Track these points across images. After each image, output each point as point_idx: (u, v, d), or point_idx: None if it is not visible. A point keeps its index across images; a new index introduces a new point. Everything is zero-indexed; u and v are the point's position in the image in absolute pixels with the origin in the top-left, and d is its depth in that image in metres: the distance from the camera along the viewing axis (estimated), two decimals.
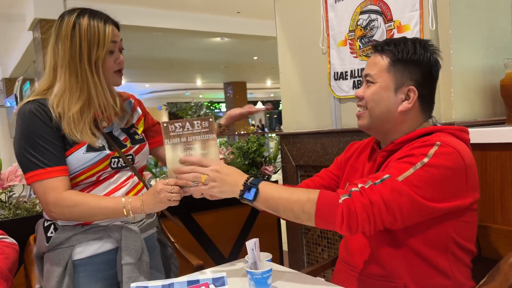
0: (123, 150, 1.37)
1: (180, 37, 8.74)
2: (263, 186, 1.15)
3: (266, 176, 2.56)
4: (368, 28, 1.92)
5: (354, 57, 2.01)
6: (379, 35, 1.87)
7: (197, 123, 1.22)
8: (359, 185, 1.07)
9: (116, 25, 1.34)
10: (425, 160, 1.06)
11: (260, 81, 19.12)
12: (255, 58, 12.39)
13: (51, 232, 1.32)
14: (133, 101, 1.52)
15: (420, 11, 1.72)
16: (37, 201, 1.82)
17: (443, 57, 1.70)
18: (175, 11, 7.45)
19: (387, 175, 1.06)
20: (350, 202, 1.04)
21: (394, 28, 1.81)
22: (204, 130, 1.23)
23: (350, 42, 2.02)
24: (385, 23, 1.85)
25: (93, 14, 1.29)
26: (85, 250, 1.31)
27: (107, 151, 1.32)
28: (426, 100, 1.23)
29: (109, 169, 1.33)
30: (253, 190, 1.14)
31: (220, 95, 19.47)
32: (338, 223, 1.04)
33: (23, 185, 1.84)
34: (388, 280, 1.16)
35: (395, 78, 1.20)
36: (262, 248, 1.22)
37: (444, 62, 1.71)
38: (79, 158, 1.27)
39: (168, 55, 10.81)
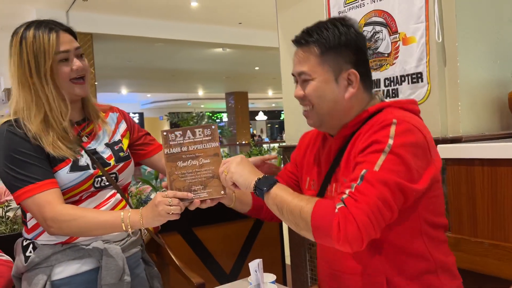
0: (106, 168, 1.32)
1: (182, 48, 8.76)
2: (278, 183, 1.11)
3: None
4: (373, 40, 1.89)
5: None
6: (384, 47, 1.84)
7: (199, 131, 1.17)
8: (347, 191, 1.00)
9: (69, 32, 1.28)
10: (390, 142, 1.03)
11: (261, 91, 19.15)
12: (256, 68, 12.41)
13: (30, 252, 1.28)
14: (117, 113, 1.47)
15: (426, 23, 1.69)
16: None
17: (450, 70, 1.67)
18: (177, 22, 7.48)
19: (363, 171, 1.01)
20: (345, 210, 0.96)
21: (399, 40, 1.78)
22: (206, 138, 1.17)
23: None
24: (390, 35, 1.82)
25: (40, 25, 1.25)
26: (65, 270, 1.26)
27: (91, 171, 1.28)
28: (365, 77, 1.19)
29: (92, 188, 1.29)
30: (271, 181, 1.10)
31: (221, 105, 19.49)
32: (335, 235, 0.95)
33: None
34: (369, 276, 1.14)
35: (331, 68, 1.15)
36: (265, 264, 1.17)
37: (451, 75, 1.68)
38: (62, 177, 1.24)
39: (170, 66, 10.83)
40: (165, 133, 1.18)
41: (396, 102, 1.18)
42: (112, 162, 1.34)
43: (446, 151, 1.60)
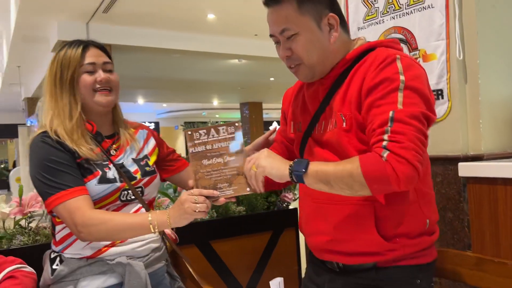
0: (132, 182, 1.35)
1: (198, 59, 8.86)
2: (311, 162, 1.08)
3: (286, 203, 2.51)
4: None
5: None
6: None
7: (223, 129, 1.17)
8: (385, 136, 1.01)
9: (101, 48, 1.37)
10: (402, 77, 1.05)
11: (276, 102, 19.15)
12: (271, 79, 12.46)
13: (57, 265, 1.32)
14: (147, 131, 1.52)
15: (446, 40, 1.69)
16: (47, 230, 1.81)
17: (471, 87, 1.66)
18: (194, 34, 7.58)
19: (390, 113, 1.02)
20: (393, 155, 0.98)
21: (420, 57, 1.78)
22: (230, 136, 1.17)
23: None
24: (410, 52, 1.82)
25: (75, 42, 1.35)
26: (89, 284, 1.29)
27: (118, 184, 1.31)
28: (342, 18, 1.20)
29: (118, 201, 1.33)
30: (304, 162, 1.07)
31: (236, 115, 19.57)
32: (394, 181, 0.98)
33: (43, 211, 1.84)
34: (356, 205, 1.14)
35: (312, 17, 1.15)
36: (283, 279, 1.17)
37: (472, 92, 1.67)
38: (90, 189, 1.27)
39: (186, 76, 10.95)
40: (189, 132, 1.18)
41: (383, 41, 1.20)
42: (138, 176, 1.37)
43: (467, 169, 1.59)
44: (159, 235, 1.45)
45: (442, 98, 1.71)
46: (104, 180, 1.29)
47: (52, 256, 1.34)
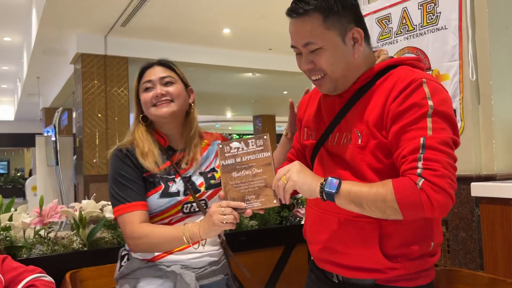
0: (197, 195, 1.42)
1: (213, 72, 8.95)
2: (343, 181, 1.08)
3: (298, 219, 2.53)
4: None
5: None
6: None
7: (252, 142, 1.20)
8: (419, 164, 1.01)
9: (164, 65, 1.47)
10: (430, 103, 1.05)
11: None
12: (285, 92, 12.51)
13: (124, 262, 1.45)
14: (220, 141, 1.57)
15: (459, 61, 1.71)
16: (75, 237, 1.86)
17: (484, 108, 1.68)
18: (209, 48, 7.68)
19: (421, 139, 1.03)
20: (429, 183, 0.99)
21: None
22: (259, 148, 1.20)
23: None
24: None
25: (145, 64, 1.49)
26: (147, 285, 1.38)
27: (180, 197, 1.39)
28: (366, 32, 1.19)
29: (181, 213, 1.41)
30: (336, 181, 1.06)
31: (249, 127, 19.63)
32: (428, 209, 0.99)
33: (61, 221, 1.89)
34: (361, 218, 1.13)
35: (337, 31, 1.13)
36: None
37: (485, 113, 1.69)
38: (153, 202, 1.38)
39: (200, 89, 11.06)
40: (220, 146, 1.23)
41: (406, 59, 1.19)
42: (202, 188, 1.45)
43: (480, 189, 1.60)
44: (220, 249, 1.49)
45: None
46: (166, 194, 1.39)
47: (123, 253, 1.48)
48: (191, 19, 6.29)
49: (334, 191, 1.06)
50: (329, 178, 1.09)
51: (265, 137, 1.20)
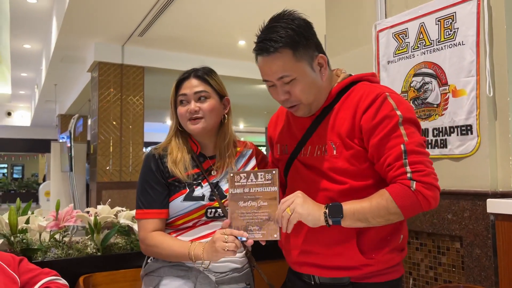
0: (223, 200, 1.45)
1: (227, 83, 8.84)
2: (343, 203, 1.18)
3: None
4: (422, 90, 1.92)
5: None
6: (433, 97, 1.87)
7: (261, 174, 1.26)
8: (407, 168, 1.15)
9: (201, 78, 1.50)
10: (398, 113, 1.20)
11: None
12: None
13: (150, 259, 1.51)
14: (251, 150, 1.62)
15: (476, 77, 1.71)
16: (89, 242, 1.88)
17: (501, 124, 1.67)
18: (224, 59, 7.75)
19: (401, 146, 1.17)
20: (421, 184, 1.14)
21: (449, 92, 1.81)
22: (266, 182, 1.25)
23: None
24: (439, 87, 1.85)
25: (183, 74, 1.52)
26: (169, 284, 1.42)
27: (205, 202, 1.44)
28: (326, 56, 1.31)
29: (204, 217, 1.44)
30: (338, 207, 1.16)
31: (261, 138, 19.66)
32: (425, 206, 1.16)
33: (77, 226, 1.91)
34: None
35: (305, 61, 1.24)
36: None
37: (502, 129, 1.68)
38: (177, 205, 1.44)
39: None
40: (231, 175, 1.30)
41: (363, 75, 1.34)
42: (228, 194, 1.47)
43: (496, 206, 1.59)
44: (244, 257, 1.51)
45: (471, 133, 1.72)
46: (189, 197, 1.44)
47: None
48: (208, 30, 6.37)
49: (340, 217, 1.16)
50: (329, 205, 1.18)
51: (273, 172, 1.26)
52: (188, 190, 1.45)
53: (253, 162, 1.60)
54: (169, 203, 1.46)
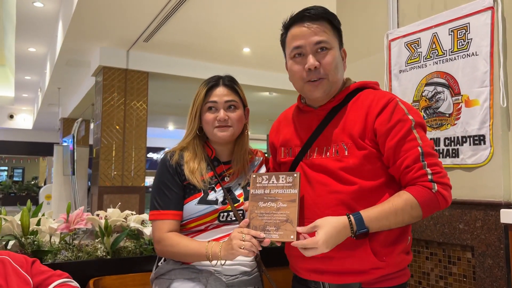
0: (235, 204, 1.47)
1: None
2: (365, 215, 1.19)
3: None
4: (434, 99, 1.93)
5: None
6: (445, 107, 1.88)
7: (283, 177, 1.28)
8: (428, 170, 1.20)
9: (229, 87, 1.52)
10: (410, 117, 1.25)
11: None
12: None
13: (161, 262, 1.52)
14: (261, 158, 1.65)
15: (490, 88, 1.72)
16: (99, 245, 1.88)
17: None
18: (228, 66, 7.78)
19: (418, 149, 1.22)
20: (441, 186, 1.21)
21: (462, 102, 1.81)
22: (287, 185, 1.27)
23: None
24: (452, 96, 1.86)
25: (210, 80, 1.53)
26: (180, 286, 1.42)
27: (217, 206, 1.45)
28: None
29: (217, 221, 1.46)
30: (359, 220, 1.17)
31: (263, 145, 19.67)
32: (443, 205, 1.23)
33: (87, 228, 1.91)
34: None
35: (338, 42, 1.34)
36: None
37: None
38: (191, 208, 1.45)
39: None
40: (254, 176, 1.33)
41: (369, 83, 1.39)
42: (241, 199, 1.50)
43: (508, 216, 1.59)
44: (253, 261, 1.52)
45: (484, 143, 1.73)
46: (203, 201, 1.45)
47: None
48: (212, 37, 6.40)
49: (366, 231, 1.18)
50: (351, 220, 1.18)
51: (295, 175, 1.27)
52: (202, 193, 1.47)
53: (263, 169, 1.63)
54: (183, 206, 1.48)
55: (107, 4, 5.23)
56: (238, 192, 1.51)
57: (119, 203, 2.22)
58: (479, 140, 1.75)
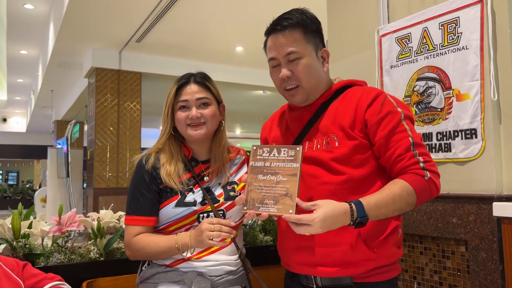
0: (215, 205, 1.45)
1: (225, 89, 8.97)
2: (365, 202, 1.17)
3: None
4: (425, 94, 1.93)
5: None
6: (437, 102, 1.88)
7: (284, 150, 1.24)
8: (420, 158, 1.24)
9: (201, 84, 1.49)
10: (399, 109, 1.29)
11: None
12: None
13: (145, 267, 1.50)
14: (243, 157, 1.63)
15: (481, 81, 1.72)
16: (92, 247, 1.86)
17: (506, 128, 1.68)
18: (222, 65, 7.77)
19: (409, 140, 1.25)
20: (433, 174, 1.24)
21: (453, 96, 1.82)
22: (289, 158, 1.22)
23: None
24: (443, 91, 1.86)
25: (181, 78, 1.50)
26: None
27: (196, 207, 1.42)
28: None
29: (196, 223, 1.43)
30: (359, 206, 1.16)
31: (257, 143, 19.69)
32: (434, 193, 1.26)
33: (79, 230, 1.90)
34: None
35: (312, 46, 1.33)
36: None
37: (507, 133, 1.68)
38: (168, 211, 1.43)
39: None
40: (254, 148, 1.29)
41: (357, 81, 1.42)
42: (221, 199, 1.48)
43: (501, 209, 1.59)
44: (238, 259, 1.50)
45: (476, 137, 1.73)
46: (181, 203, 1.43)
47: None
48: (205, 36, 6.38)
49: (366, 218, 1.16)
50: (353, 207, 1.15)
51: (298, 148, 1.23)
52: (180, 196, 1.44)
53: (244, 169, 1.59)
54: (160, 210, 1.45)
55: (98, 5, 5.19)
56: (218, 192, 1.49)
57: (112, 205, 2.20)
58: (470, 134, 1.75)
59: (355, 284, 1.27)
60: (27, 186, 17.13)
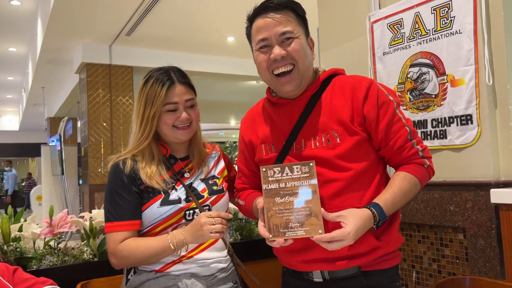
0: (200, 200, 1.41)
1: (217, 80, 8.96)
2: (383, 204, 1.18)
3: None
4: (419, 81, 1.89)
5: (404, 109, 1.98)
6: (431, 88, 1.84)
7: (297, 167, 1.17)
8: (418, 147, 1.27)
9: (186, 84, 1.43)
10: (391, 98, 1.29)
11: None
12: None
13: (131, 275, 1.42)
14: (219, 152, 1.61)
15: (475, 66, 1.68)
16: (85, 248, 1.83)
17: (501, 113, 1.66)
18: (214, 56, 7.69)
19: (406, 129, 1.27)
20: (429, 160, 1.29)
21: (447, 82, 1.78)
22: (304, 175, 1.16)
23: (400, 94, 1.99)
24: (437, 77, 1.82)
25: (163, 73, 1.40)
26: None
27: (181, 204, 1.38)
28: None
29: (183, 221, 1.39)
30: (378, 209, 1.17)
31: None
32: (431, 177, 1.31)
33: (71, 232, 1.86)
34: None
35: (304, 30, 1.30)
36: None
37: (502, 118, 1.66)
38: (154, 211, 1.37)
39: (205, 97, 11.07)
40: (264, 169, 1.19)
41: (339, 69, 1.38)
42: (205, 194, 1.44)
43: (498, 195, 1.57)
44: (227, 255, 1.48)
45: (472, 123, 1.70)
46: (166, 202, 1.38)
47: (129, 267, 1.44)
48: (195, 28, 6.30)
49: (387, 218, 1.19)
50: (374, 212, 1.16)
51: (311, 164, 1.17)
52: (163, 195, 1.38)
53: (222, 163, 1.58)
54: (144, 211, 1.38)
55: None
56: (200, 187, 1.44)
57: (104, 204, 2.16)
58: (466, 120, 1.72)
59: (362, 273, 1.25)
60: (23, 184, 17.02)
